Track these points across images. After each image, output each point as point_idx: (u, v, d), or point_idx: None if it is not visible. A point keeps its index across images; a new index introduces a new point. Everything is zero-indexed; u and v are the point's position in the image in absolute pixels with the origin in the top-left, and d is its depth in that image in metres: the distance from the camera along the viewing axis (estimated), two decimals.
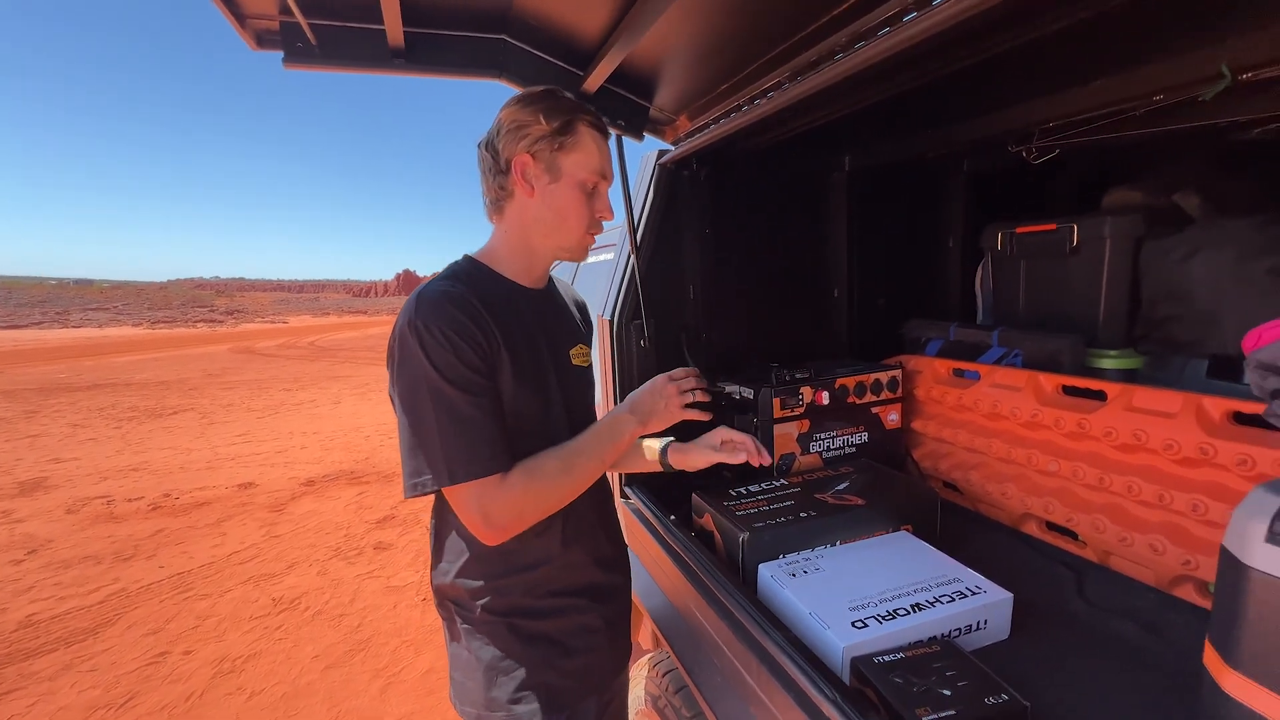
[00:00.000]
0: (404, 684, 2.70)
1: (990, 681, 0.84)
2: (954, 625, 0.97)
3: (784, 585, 1.05)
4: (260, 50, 1.20)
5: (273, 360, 15.26)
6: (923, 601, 0.99)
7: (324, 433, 7.43)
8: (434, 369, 0.86)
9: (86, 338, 21.53)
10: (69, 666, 2.82)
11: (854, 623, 0.94)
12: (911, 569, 1.08)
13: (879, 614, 0.96)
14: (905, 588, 1.03)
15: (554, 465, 0.94)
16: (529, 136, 0.95)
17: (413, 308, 0.90)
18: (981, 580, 1.04)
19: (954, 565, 1.09)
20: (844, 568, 1.10)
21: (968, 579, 1.05)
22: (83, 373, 12.40)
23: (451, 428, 0.86)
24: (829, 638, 0.92)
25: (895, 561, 1.12)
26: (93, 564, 3.87)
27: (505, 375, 0.93)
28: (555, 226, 1.00)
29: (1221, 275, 1.13)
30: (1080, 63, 1.09)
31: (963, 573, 1.07)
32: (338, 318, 37.67)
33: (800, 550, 1.17)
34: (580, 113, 0.98)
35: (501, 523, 0.89)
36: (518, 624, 0.99)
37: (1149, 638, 1.00)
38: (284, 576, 3.72)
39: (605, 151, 1.03)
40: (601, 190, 1.03)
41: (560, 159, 0.97)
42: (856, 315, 1.92)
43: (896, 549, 1.17)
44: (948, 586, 1.03)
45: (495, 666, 0.99)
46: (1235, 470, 0.99)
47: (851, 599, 1.00)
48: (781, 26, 1.02)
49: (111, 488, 5.33)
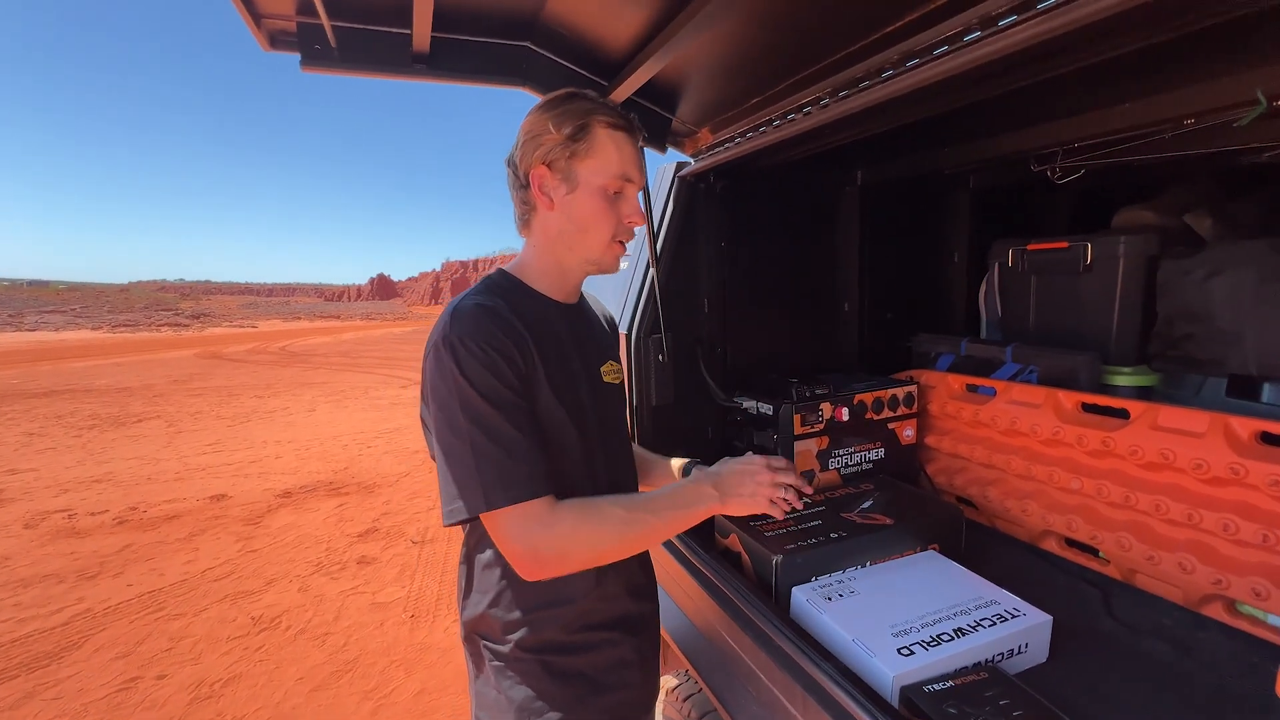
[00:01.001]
0: (395, 706, 2.60)
1: (1045, 710, 0.83)
2: (997, 650, 0.96)
3: (822, 610, 1.03)
4: (272, 50, 1.15)
5: (242, 366, 14.80)
6: (965, 626, 0.97)
7: (299, 441, 7.20)
8: (470, 385, 0.82)
9: (41, 341, 20.61)
10: (31, 694, 2.65)
11: (900, 649, 0.92)
12: (947, 591, 1.07)
13: (923, 640, 0.94)
14: (944, 611, 1.01)
15: (616, 513, 0.87)
16: (543, 146, 0.91)
17: (447, 322, 0.86)
18: (1019, 602, 1.03)
19: (989, 587, 1.09)
20: (879, 590, 1.08)
21: (1005, 601, 1.04)
22: (38, 378, 11.85)
23: (488, 448, 0.82)
24: (876, 665, 0.90)
25: (930, 583, 1.11)
26: (55, 582, 3.67)
27: (541, 393, 0.89)
28: (578, 239, 0.95)
29: (1243, 295, 1.15)
30: (1111, 85, 1.10)
31: (999, 594, 1.06)
32: (309, 322, 36.80)
33: (833, 572, 1.15)
34: (597, 113, 0.91)
35: (545, 558, 0.84)
36: (551, 661, 0.94)
37: (1183, 658, 1.00)
38: (263, 594, 3.57)
39: (628, 151, 0.94)
40: (629, 194, 0.96)
41: (576, 166, 0.91)
42: (866, 329, 1.92)
43: (928, 569, 1.16)
44: (987, 609, 1.02)
45: (527, 707, 0.93)
46: (1266, 490, 1.01)
47: (893, 624, 0.98)
48: (825, 42, 1.01)
49: (73, 500, 5.07)
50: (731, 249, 1.69)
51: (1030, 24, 0.69)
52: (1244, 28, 0.84)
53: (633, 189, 0.96)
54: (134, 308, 41.93)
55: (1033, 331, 1.68)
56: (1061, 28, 0.64)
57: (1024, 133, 1.33)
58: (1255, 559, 1.01)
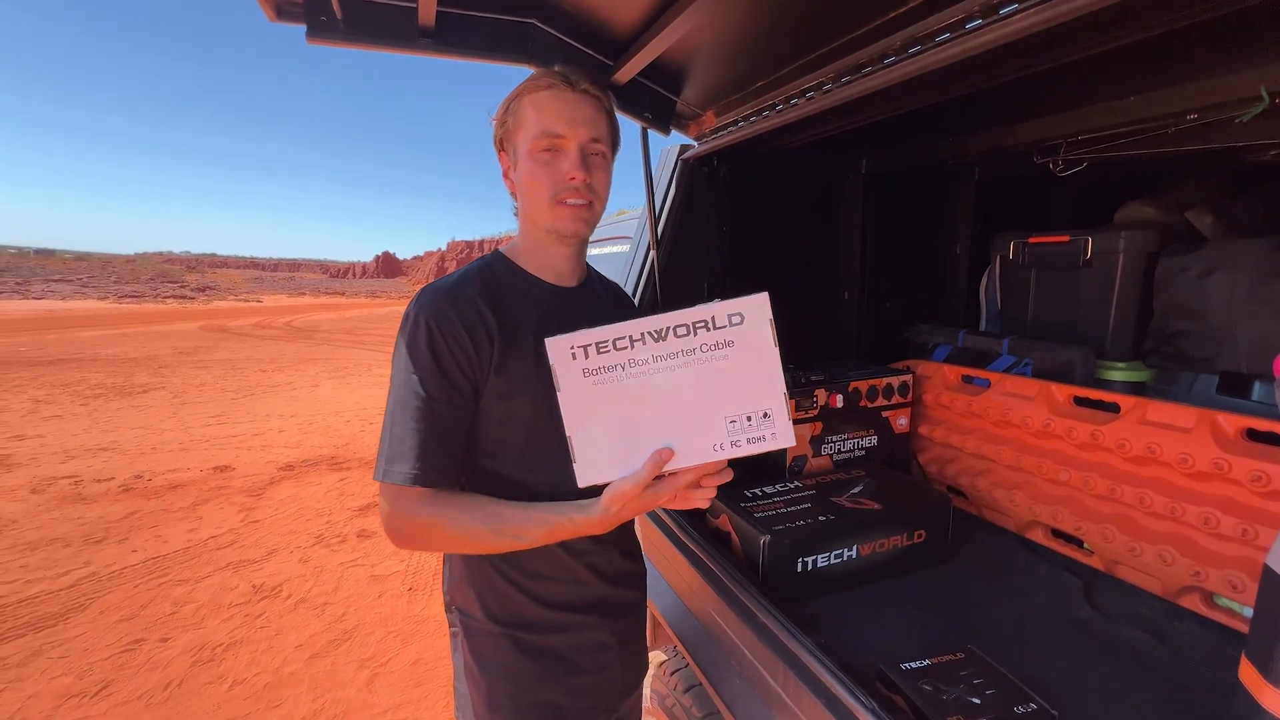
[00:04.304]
0: (391, 675, 2.67)
1: (1018, 689, 0.85)
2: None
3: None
4: (279, 22, 1.15)
5: (247, 340, 14.87)
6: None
7: (302, 416, 7.27)
8: (409, 362, 0.85)
9: (49, 310, 20.73)
10: (38, 653, 2.72)
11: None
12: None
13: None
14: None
15: (479, 529, 0.85)
16: (494, 133, 0.96)
17: (416, 298, 0.90)
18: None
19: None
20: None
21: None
22: (45, 346, 11.94)
23: (402, 423, 0.85)
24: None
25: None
26: (61, 546, 3.74)
27: (505, 380, 0.89)
28: (530, 210, 0.95)
29: (1238, 293, 1.15)
30: (1116, 79, 1.10)
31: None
32: (314, 298, 36.85)
33: (819, 553, 1.17)
34: (526, 85, 0.92)
35: (400, 536, 0.87)
36: (522, 637, 0.96)
37: (1158, 645, 1.03)
38: (264, 563, 3.64)
39: (550, 108, 0.89)
40: (566, 149, 0.90)
41: (514, 142, 0.93)
42: (866, 318, 1.93)
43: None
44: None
45: (499, 680, 0.96)
46: (1249, 486, 1.02)
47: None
48: (830, 26, 1.01)
49: (79, 467, 5.14)
50: (733, 234, 1.70)
51: (1031, 12, 0.69)
52: (1249, 23, 0.84)
53: (568, 143, 0.90)
54: (140, 279, 42.03)
55: (1031, 324, 1.68)
56: (1061, 16, 0.65)
57: (1028, 124, 1.33)
58: (1234, 552, 1.03)
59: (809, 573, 1.16)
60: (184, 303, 27.32)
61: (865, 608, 1.14)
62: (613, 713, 1.06)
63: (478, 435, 0.91)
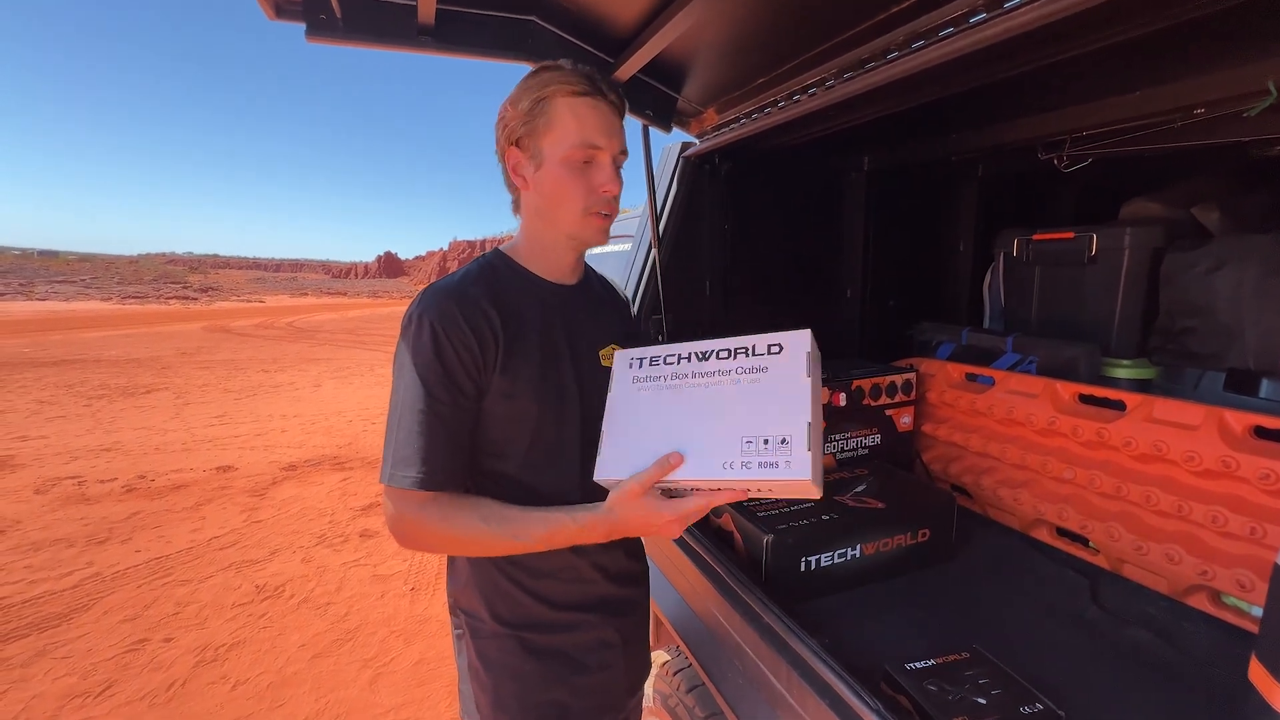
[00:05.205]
0: (394, 675, 2.66)
1: (1024, 689, 0.84)
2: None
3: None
4: (278, 20, 1.14)
5: (249, 340, 14.90)
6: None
7: (305, 416, 7.28)
8: (413, 364, 0.84)
9: (52, 311, 20.79)
10: (42, 653, 2.73)
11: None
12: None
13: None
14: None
15: (474, 521, 0.85)
16: (509, 126, 0.91)
17: (419, 297, 0.88)
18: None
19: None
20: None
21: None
22: (49, 347, 11.98)
23: (407, 426, 0.84)
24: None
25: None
26: (65, 546, 3.75)
27: (509, 380, 0.89)
28: (552, 215, 0.93)
29: (1245, 289, 1.14)
30: (1121, 73, 1.09)
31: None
32: (316, 299, 36.92)
33: (823, 552, 1.16)
34: (555, 83, 0.88)
35: (405, 539, 0.87)
36: (528, 638, 0.96)
37: (1165, 645, 1.02)
38: (267, 563, 3.64)
39: (590, 119, 0.89)
40: (600, 161, 0.91)
41: (540, 142, 0.89)
42: (868, 315, 1.92)
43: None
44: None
45: (505, 680, 0.95)
46: (1257, 484, 1.01)
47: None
48: (832, 22, 1.00)
49: (82, 468, 5.15)
50: (735, 231, 1.69)
51: (1036, 6, 0.68)
52: (1256, 17, 0.83)
53: (604, 155, 0.91)
54: (143, 280, 42.16)
55: (1035, 322, 1.67)
56: (1066, 10, 0.64)
57: (1032, 119, 1.32)
58: (1242, 551, 1.02)
59: (812, 572, 1.16)
60: (187, 303, 27.40)
61: (869, 607, 1.14)
62: (619, 712, 1.06)
63: (482, 436, 0.91)
